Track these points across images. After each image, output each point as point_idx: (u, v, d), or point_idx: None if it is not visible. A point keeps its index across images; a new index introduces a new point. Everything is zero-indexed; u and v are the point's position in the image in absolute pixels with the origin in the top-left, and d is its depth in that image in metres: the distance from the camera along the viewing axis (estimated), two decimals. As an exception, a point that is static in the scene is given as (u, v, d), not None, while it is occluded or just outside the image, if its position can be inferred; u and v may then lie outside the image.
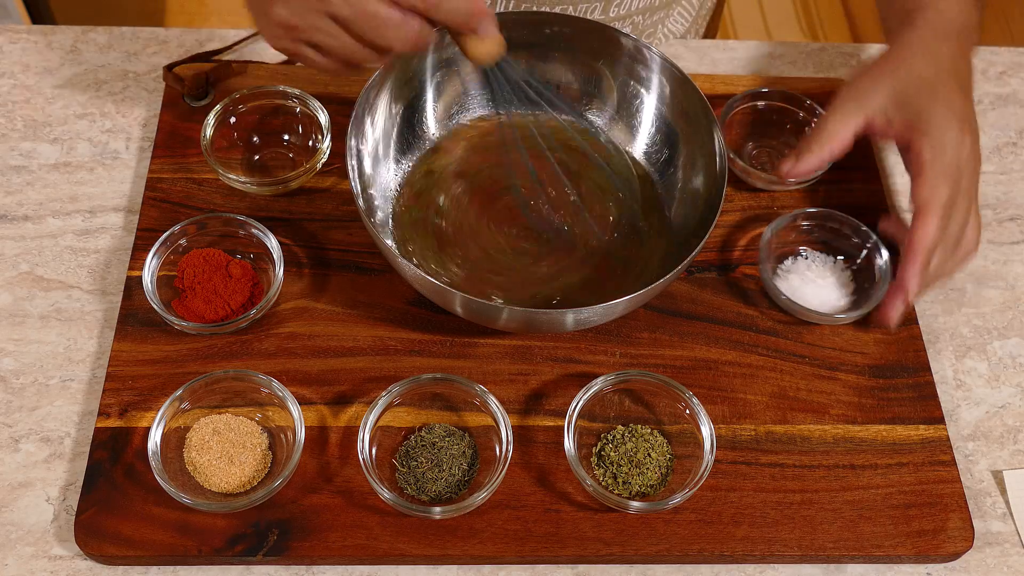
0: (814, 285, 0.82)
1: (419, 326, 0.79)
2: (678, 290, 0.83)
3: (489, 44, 0.69)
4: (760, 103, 0.90)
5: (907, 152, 0.79)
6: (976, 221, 0.78)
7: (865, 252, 0.83)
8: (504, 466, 0.70)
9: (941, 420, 0.78)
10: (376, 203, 0.81)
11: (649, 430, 0.75)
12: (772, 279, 0.81)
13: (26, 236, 0.83)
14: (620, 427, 0.75)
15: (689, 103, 0.81)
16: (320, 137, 0.85)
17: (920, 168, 0.76)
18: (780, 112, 0.90)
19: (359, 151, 0.79)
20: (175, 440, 0.72)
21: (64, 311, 0.80)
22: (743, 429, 0.77)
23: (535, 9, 0.90)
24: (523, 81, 0.74)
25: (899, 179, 0.92)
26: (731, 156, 0.86)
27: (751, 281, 0.83)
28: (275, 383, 0.73)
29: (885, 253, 0.81)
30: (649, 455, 0.73)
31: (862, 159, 0.90)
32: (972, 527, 0.74)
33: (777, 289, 0.81)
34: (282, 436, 0.73)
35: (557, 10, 0.88)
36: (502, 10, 0.90)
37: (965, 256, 0.79)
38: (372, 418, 0.72)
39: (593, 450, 0.75)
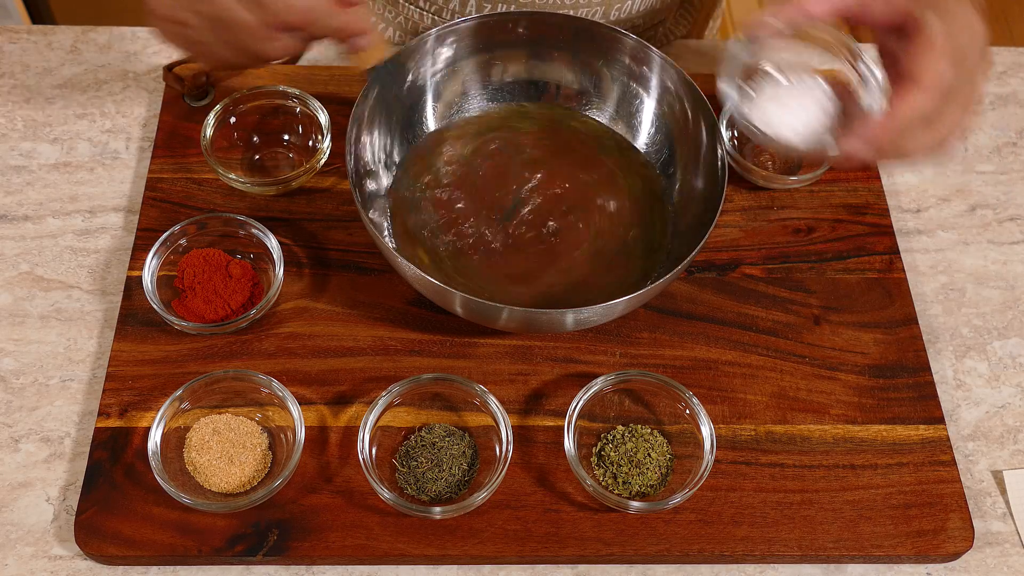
0: (793, 109, 0.71)
1: (419, 326, 0.79)
2: (678, 290, 0.83)
3: (368, 54, 0.72)
4: (760, 103, 0.90)
5: (905, 31, 0.67)
6: (969, 112, 0.68)
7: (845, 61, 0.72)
8: (504, 466, 0.70)
9: (941, 420, 0.78)
10: (376, 203, 0.81)
11: (649, 430, 0.75)
12: (741, 108, 0.70)
13: (26, 236, 0.83)
14: (620, 427, 0.75)
15: (689, 103, 0.81)
16: (320, 137, 0.85)
17: (922, 40, 0.65)
18: (780, 112, 0.90)
19: (359, 151, 0.79)
20: (175, 440, 0.72)
21: (64, 311, 0.80)
22: (743, 429, 0.77)
23: (536, 10, 0.90)
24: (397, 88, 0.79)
25: (899, 179, 0.92)
26: (731, 155, 0.86)
27: (751, 281, 0.83)
28: (275, 383, 0.73)
29: (869, 61, 0.71)
30: (649, 455, 0.73)
31: (862, 159, 0.90)
32: (972, 527, 0.74)
33: (752, 126, 0.70)
34: (282, 436, 0.73)
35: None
36: (503, 11, 0.90)
37: (950, 145, 0.68)
38: (372, 418, 0.72)
39: (593, 450, 0.75)
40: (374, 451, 0.73)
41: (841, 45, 0.71)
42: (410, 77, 0.82)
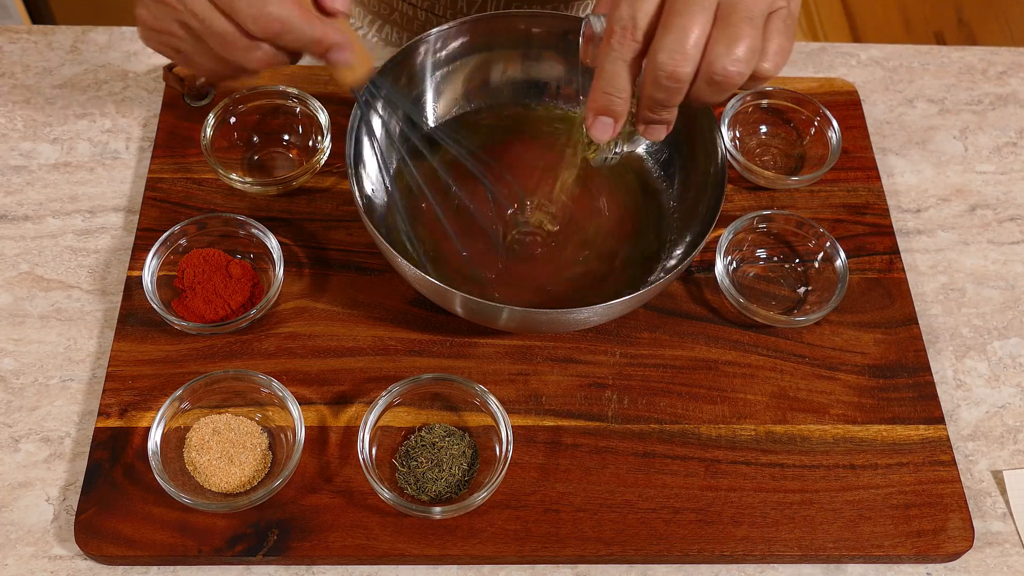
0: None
1: (419, 326, 0.79)
2: (678, 290, 0.83)
3: (352, 71, 0.68)
4: (762, 101, 0.90)
5: None
6: (758, 41, 0.57)
7: (822, 254, 0.83)
8: (504, 466, 0.70)
9: (941, 420, 0.78)
10: (376, 203, 0.81)
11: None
12: (728, 282, 0.80)
13: (26, 236, 0.83)
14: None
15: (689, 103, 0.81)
16: (320, 137, 0.85)
17: None
18: (781, 111, 0.90)
19: (359, 151, 0.79)
20: (175, 440, 0.72)
21: (64, 311, 0.80)
22: (743, 429, 0.77)
23: (532, 10, 0.90)
24: (393, 105, 0.75)
25: (898, 179, 0.92)
26: (732, 155, 0.86)
27: (751, 280, 0.83)
28: (275, 383, 0.73)
29: (843, 255, 0.81)
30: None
31: (863, 159, 0.90)
32: (972, 527, 0.74)
33: (735, 295, 0.80)
34: (282, 436, 0.73)
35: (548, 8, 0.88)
36: (504, 10, 0.90)
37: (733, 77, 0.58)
38: (372, 418, 0.72)
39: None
40: (374, 451, 0.73)
41: None
42: (411, 77, 0.82)
